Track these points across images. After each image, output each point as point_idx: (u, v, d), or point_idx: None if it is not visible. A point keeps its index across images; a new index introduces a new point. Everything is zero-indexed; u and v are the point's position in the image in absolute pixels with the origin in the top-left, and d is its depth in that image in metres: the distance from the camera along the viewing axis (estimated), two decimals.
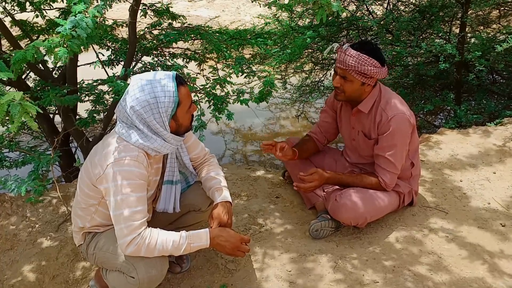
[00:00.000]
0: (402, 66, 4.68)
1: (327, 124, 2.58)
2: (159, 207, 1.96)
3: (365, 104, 2.27)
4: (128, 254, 1.68)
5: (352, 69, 2.13)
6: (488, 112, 4.14)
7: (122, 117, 1.72)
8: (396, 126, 2.20)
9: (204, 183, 2.03)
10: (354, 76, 2.15)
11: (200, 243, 1.75)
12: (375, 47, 2.18)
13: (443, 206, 2.54)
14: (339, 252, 2.23)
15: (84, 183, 1.78)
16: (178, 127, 1.78)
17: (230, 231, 1.82)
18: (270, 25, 4.81)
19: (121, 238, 1.66)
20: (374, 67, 2.12)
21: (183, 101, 1.72)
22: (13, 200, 2.61)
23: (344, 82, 2.19)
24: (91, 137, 3.51)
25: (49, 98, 2.57)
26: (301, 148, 2.53)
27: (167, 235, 1.71)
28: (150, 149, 1.72)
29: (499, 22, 4.90)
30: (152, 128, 1.70)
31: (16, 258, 2.33)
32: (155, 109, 1.67)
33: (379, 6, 5.01)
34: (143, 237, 1.66)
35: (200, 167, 2.09)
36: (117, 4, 3.02)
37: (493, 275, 2.03)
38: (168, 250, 1.70)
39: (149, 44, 3.42)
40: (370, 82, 2.19)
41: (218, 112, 2.87)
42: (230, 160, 4.67)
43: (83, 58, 3.22)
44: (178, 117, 1.74)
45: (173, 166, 1.95)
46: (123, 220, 1.65)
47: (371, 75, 2.14)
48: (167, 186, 1.95)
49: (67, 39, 1.72)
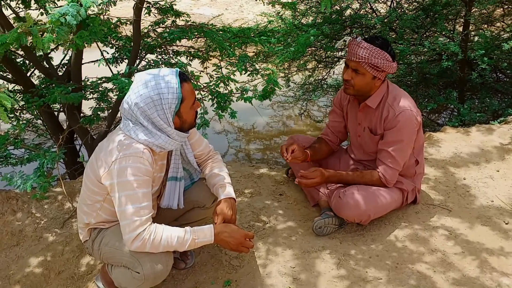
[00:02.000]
0: (406, 64, 4.68)
1: (337, 124, 2.59)
2: (163, 203, 1.98)
3: (373, 99, 2.28)
4: (133, 249, 1.69)
5: (365, 61, 2.14)
6: (491, 111, 4.13)
7: (127, 114, 1.73)
8: (403, 122, 2.20)
9: (208, 179, 2.05)
10: (366, 69, 2.16)
11: (204, 238, 1.76)
12: (386, 42, 2.19)
13: (446, 204, 2.55)
14: (342, 249, 2.24)
15: (90, 180, 1.79)
16: (182, 123, 1.79)
17: (234, 227, 1.84)
18: (273, 23, 4.82)
19: (127, 233, 1.67)
20: (386, 61, 2.14)
21: (186, 97, 1.73)
22: (19, 196, 2.63)
23: (356, 76, 2.20)
24: (96, 134, 3.53)
25: (54, 95, 2.59)
26: (314, 150, 2.52)
27: (172, 230, 1.72)
28: (155, 145, 1.74)
29: (503, 21, 4.89)
30: (156, 124, 1.72)
31: (22, 254, 2.35)
32: (159, 105, 1.68)
33: (383, 4, 5.01)
34: (149, 233, 1.67)
35: (204, 164, 2.10)
36: (121, 2, 3.04)
37: (496, 273, 2.04)
38: (173, 246, 1.71)
39: (153, 42, 3.43)
40: (381, 76, 2.20)
41: (221, 110, 2.87)
42: (234, 158, 4.68)
43: (87, 56, 3.24)
44: (182, 113, 1.76)
45: (178, 162, 1.96)
46: (128, 216, 1.66)
47: (383, 68, 2.15)
48: (171, 182, 1.96)
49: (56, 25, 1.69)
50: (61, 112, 3.52)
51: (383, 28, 4.20)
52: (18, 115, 3.41)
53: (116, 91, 3.06)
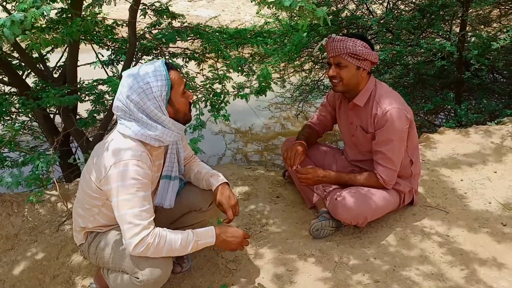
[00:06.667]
0: (402, 65, 4.68)
1: (324, 118, 2.66)
2: (155, 201, 1.97)
3: (361, 97, 2.30)
4: (135, 254, 1.65)
5: (343, 51, 2.17)
6: (488, 112, 4.13)
7: (120, 112, 1.72)
8: (392, 120, 2.20)
9: (195, 176, 2.05)
10: (348, 60, 2.20)
11: (206, 240, 1.77)
12: (362, 35, 2.27)
13: (443, 206, 2.54)
14: (339, 252, 2.23)
15: (87, 184, 1.77)
16: (175, 112, 1.78)
17: (233, 227, 1.87)
18: (270, 24, 4.81)
19: (129, 238, 1.63)
20: (364, 48, 2.18)
21: (175, 83, 1.74)
22: (13, 200, 2.61)
23: (340, 70, 2.23)
24: (92, 137, 3.51)
25: (49, 98, 2.57)
26: (307, 140, 2.59)
27: (174, 233, 1.71)
28: (153, 138, 1.73)
29: (500, 21, 4.90)
30: (151, 115, 1.71)
31: (17, 258, 2.33)
32: (150, 94, 1.68)
33: (379, 5, 5.01)
34: (153, 236, 1.64)
35: (187, 165, 2.12)
36: (117, 4, 3.02)
37: (493, 275, 2.03)
38: (176, 249, 1.69)
39: (149, 44, 3.42)
40: (364, 65, 2.22)
41: (217, 111, 2.86)
42: (231, 159, 4.66)
43: (83, 58, 3.22)
44: (173, 101, 1.75)
45: (173, 161, 1.96)
46: (130, 220, 1.63)
47: (364, 56, 2.18)
48: (165, 181, 1.95)
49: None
50: (57, 115, 3.50)
51: (380, 29, 4.19)
52: (14, 118, 3.39)
53: (112, 93, 3.04)
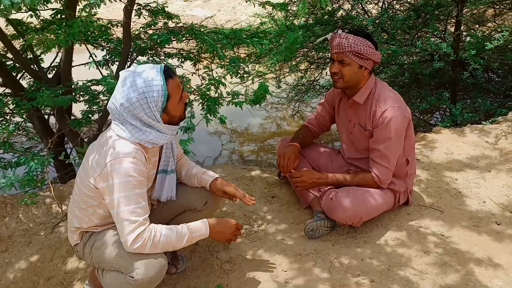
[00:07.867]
0: (398, 65, 4.69)
1: (322, 118, 2.66)
2: (153, 195, 1.97)
3: (360, 95, 2.30)
4: (132, 250, 1.66)
5: (348, 49, 2.17)
6: (483, 111, 4.15)
7: (114, 114, 1.72)
8: (390, 119, 2.21)
9: (186, 174, 2.07)
10: (351, 59, 2.20)
11: (200, 232, 1.81)
12: (368, 33, 2.25)
13: (438, 205, 2.55)
14: (334, 252, 2.23)
15: (83, 184, 1.77)
16: (171, 118, 1.79)
17: (225, 218, 1.93)
18: (265, 24, 4.81)
19: (126, 235, 1.64)
20: (369, 47, 2.18)
21: (172, 94, 1.72)
22: (7, 201, 2.60)
23: (342, 67, 2.23)
24: (86, 137, 3.49)
25: (43, 99, 2.56)
26: (302, 142, 2.61)
27: (169, 227, 1.74)
28: (146, 141, 1.73)
29: (495, 21, 4.92)
30: (145, 122, 1.72)
31: (11, 260, 2.31)
32: (145, 104, 1.67)
33: (374, 5, 5.02)
34: (149, 231, 1.67)
35: (178, 163, 2.12)
36: (112, 4, 3.01)
37: (488, 274, 2.04)
38: (172, 242, 1.72)
39: (144, 44, 3.40)
40: (367, 65, 2.22)
41: (210, 114, 2.84)
42: (226, 160, 4.66)
43: (77, 58, 3.20)
44: (169, 110, 1.75)
45: (169, 155, 1.96)
46: (126, 217, 1.64)
47: (367, 55, 2.18)
48: (162, 175, 1.96)
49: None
50: (52, 116, 3.49)
51: (375, 29, 4.20)
52: (8, 119, 3.37)
53: (106, 94, 3.02)
